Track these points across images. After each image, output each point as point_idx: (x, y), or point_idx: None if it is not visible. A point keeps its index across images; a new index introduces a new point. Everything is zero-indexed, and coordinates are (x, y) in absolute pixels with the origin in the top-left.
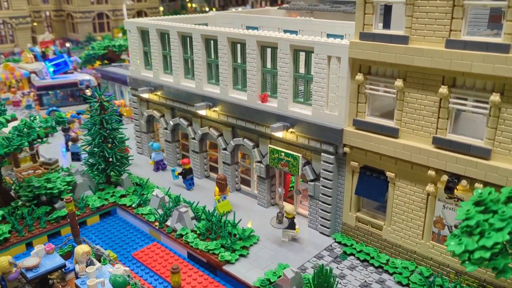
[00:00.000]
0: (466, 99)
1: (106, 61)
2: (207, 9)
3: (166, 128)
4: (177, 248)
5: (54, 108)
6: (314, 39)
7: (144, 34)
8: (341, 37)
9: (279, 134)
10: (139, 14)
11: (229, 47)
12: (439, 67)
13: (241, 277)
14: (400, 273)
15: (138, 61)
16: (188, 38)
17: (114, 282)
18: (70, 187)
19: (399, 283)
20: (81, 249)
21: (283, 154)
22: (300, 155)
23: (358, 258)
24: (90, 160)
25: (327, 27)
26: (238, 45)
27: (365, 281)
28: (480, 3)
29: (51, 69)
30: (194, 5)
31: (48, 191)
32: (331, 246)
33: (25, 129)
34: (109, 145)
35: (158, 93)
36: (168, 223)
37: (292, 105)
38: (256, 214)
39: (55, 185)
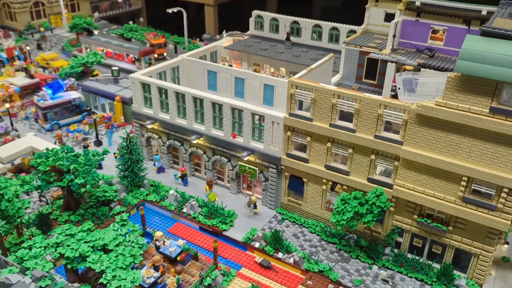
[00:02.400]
0: (339, 148)
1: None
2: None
3: (163, 145)
4: (192, 224)
5: (55, 121)
6: (265, 111)
7: (144, 85)
8: (273, 87)
9: (245, 159)
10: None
11: (211, 105)
12: (326, 135)
13: (234, 237)
14: (311, 227)
15: (140, 101)
16: (180, 94)
17: (184, 248)
18: (117, 193)
19: (311, 232)
20: (159, 234)
21: (247, 167)
22: (257, 168)
23: (289, 221)
24: (122, 173)
25: (264, 80)
26: (217, 105)
27: (294, 232)
28: (344, 109)
29: (49, 91)
30: None
31: (107, 198)
32: (276, 215)
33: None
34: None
35: (157, 124)
36: (184, 210)
37: (251, 142)
38: (230, 199)
39: (111, 194)
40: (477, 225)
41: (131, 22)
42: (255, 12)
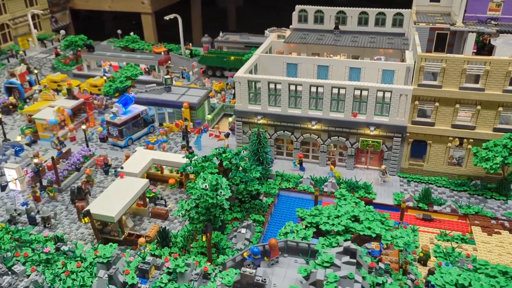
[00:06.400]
0: (465, 108)
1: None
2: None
3: (270, 138)
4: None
5: (130, 136)
6: (391, 86)
7: (250, 83)
8: (359, 69)
9: (372, 133)
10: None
11: (330, 91)
12: (455, 97)
13: (384, 202)
14: (437, 182)
15: (245, 100)
16: (294, 85)
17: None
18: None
19: (439, 186)
20: None
21: (370, 141)
22: (380, 140)
23: (415, 181)
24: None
25: (349, 63)
26: (336, 88)
27: (417, 187)
28: (473, 72)
29: (120, 106)
30: None
31: (258, 191)
32: (400, 179)
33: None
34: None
35: (264, 119)
36: (325, 189)
37: (374, 117)
38: (349, 174)
39: (258, 187)
40: None
41: (132, 34)
42: (298, 7)
